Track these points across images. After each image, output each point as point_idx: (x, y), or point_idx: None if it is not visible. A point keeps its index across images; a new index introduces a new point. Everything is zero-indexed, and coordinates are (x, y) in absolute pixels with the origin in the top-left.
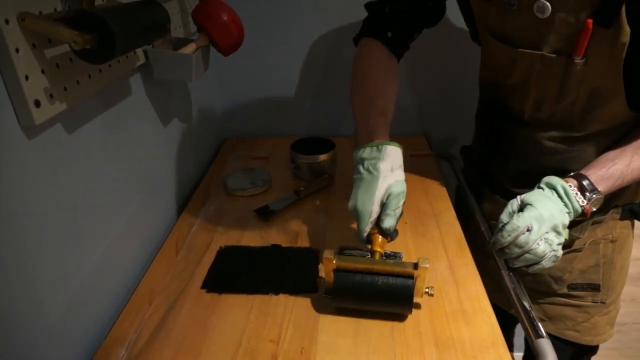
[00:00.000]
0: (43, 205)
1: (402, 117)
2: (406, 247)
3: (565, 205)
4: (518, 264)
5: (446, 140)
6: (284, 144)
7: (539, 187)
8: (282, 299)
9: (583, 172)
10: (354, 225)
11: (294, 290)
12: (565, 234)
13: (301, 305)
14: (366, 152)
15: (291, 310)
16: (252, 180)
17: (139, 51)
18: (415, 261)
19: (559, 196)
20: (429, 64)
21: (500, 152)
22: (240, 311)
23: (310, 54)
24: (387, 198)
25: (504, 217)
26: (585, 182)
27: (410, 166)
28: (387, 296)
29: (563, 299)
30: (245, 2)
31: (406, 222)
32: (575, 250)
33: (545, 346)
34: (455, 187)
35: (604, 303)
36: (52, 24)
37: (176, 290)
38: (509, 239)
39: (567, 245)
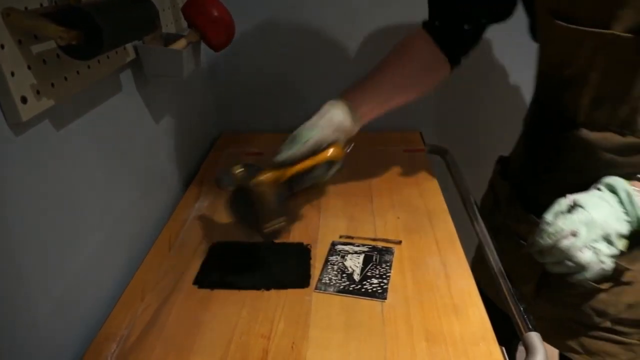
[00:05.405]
0: (31, 201)
1: (396, 113)
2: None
3: (627, 213)
4: (556, 269)
5: (439, 135)
6: (278, 140)
7: (597, 188)
8: (274, 294)
9: None
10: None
11: (285, 285)
12: (621, 245)
13: (293, 300)
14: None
15: (283, 305)
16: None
17: (129, 47)
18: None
19: (620, 201)
20: None
21: (542, 163)
22: (232, 307)
23: (303, 49)
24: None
25: (548, 216)
26: None
27: (403, 161)
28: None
29: (605, 334)
30: None
31: (398, 218)
32: (625, 284)
33: (535, 340)
34: (447, 182)
35: None
36: (38, 20)
37: (168, 286)
38: (549, 242)
39: (614, 278)
